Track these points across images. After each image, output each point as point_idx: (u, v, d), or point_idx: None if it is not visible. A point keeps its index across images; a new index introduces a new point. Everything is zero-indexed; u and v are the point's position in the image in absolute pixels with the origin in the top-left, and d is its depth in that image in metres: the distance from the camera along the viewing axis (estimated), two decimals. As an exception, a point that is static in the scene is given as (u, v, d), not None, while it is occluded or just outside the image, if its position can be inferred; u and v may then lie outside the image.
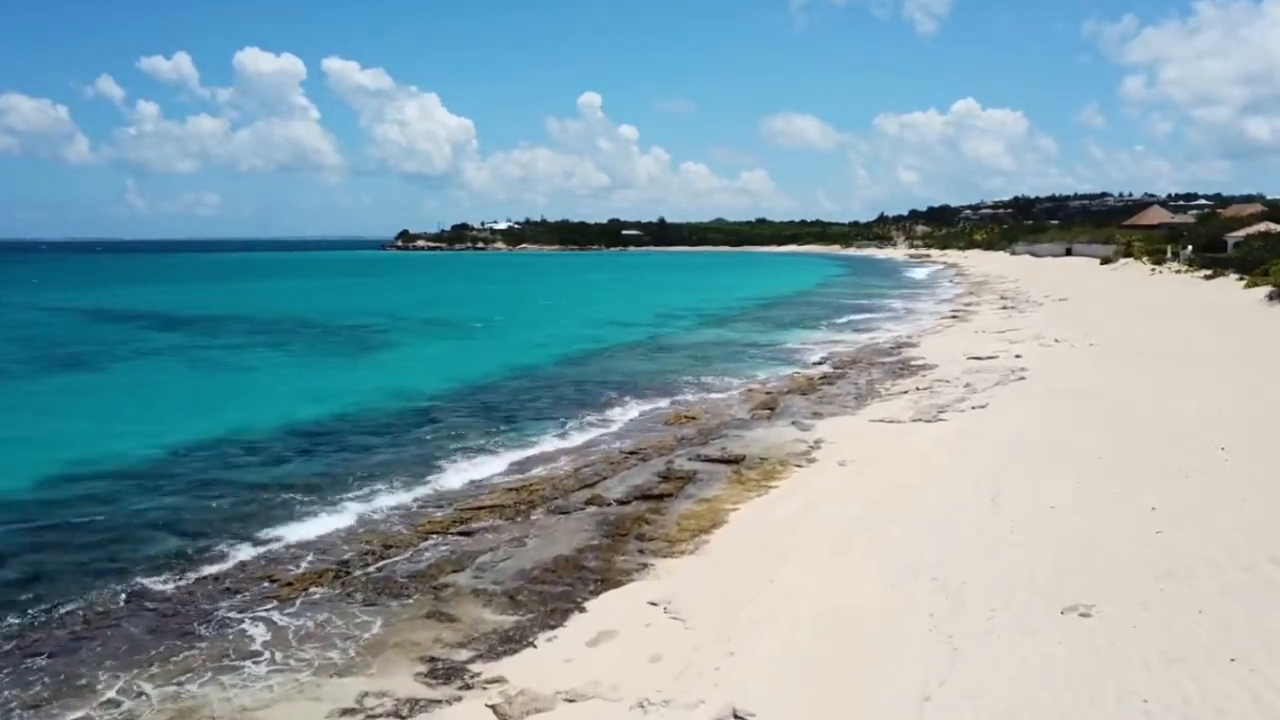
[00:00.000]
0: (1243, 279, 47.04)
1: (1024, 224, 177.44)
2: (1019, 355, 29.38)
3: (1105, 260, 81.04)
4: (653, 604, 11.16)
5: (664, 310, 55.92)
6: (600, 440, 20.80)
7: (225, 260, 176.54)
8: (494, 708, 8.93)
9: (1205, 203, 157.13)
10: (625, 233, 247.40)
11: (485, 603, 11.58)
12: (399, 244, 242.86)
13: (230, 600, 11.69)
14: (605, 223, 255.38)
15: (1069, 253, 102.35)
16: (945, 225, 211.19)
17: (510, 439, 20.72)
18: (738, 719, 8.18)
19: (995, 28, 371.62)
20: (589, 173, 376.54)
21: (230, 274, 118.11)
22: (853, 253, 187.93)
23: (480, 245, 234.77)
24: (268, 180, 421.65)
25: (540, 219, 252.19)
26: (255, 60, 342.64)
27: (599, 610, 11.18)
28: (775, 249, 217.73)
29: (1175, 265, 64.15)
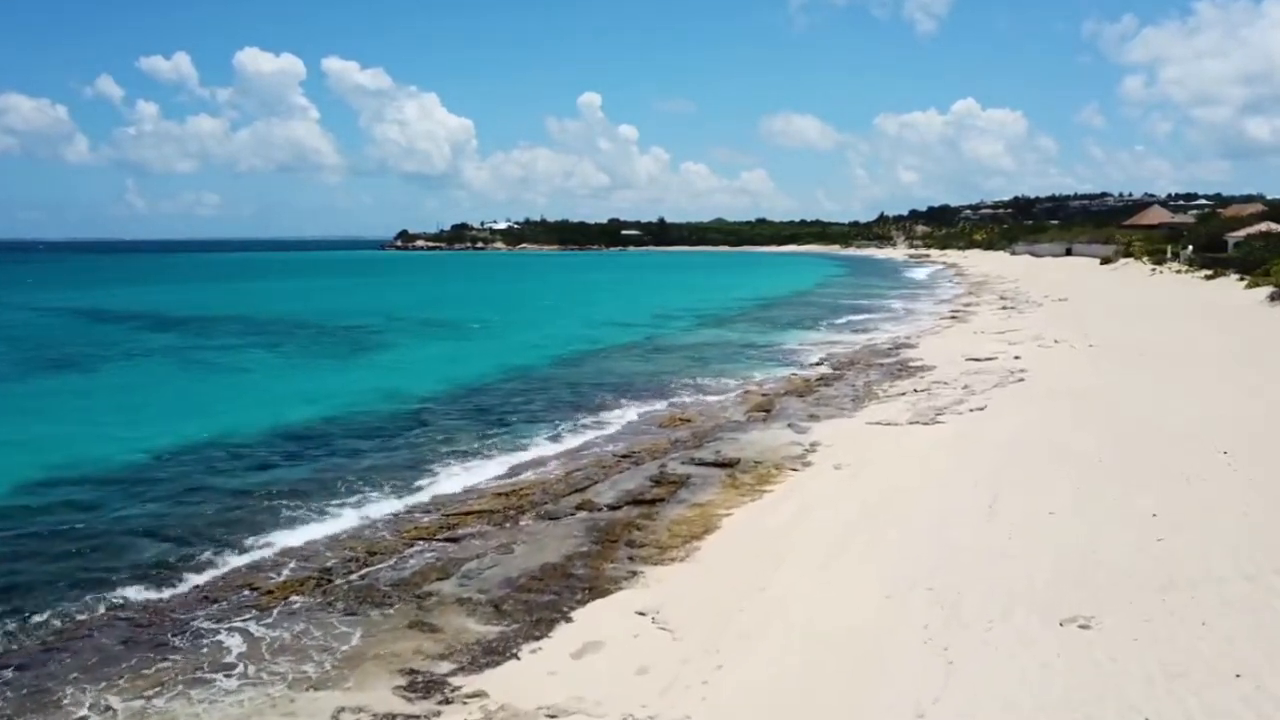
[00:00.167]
0: (1243, 279, 46.80)
1: (1024, 224, 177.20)
2: (1018, 356, 29.11)
3: (1105, 260, 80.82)
4: (641, 614, 10.88)
5: (662, 310, 55.62)
6: (593, 443, 20.51)
7: (224, 260, 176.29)
8: (473, 724, 8.65)
9: (1205, 203, 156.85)
10: (625, 233, 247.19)
11: (469, 612, 11.29)
12: (398, 244, 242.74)
13: (208, 610, 11.39)
14: (605, 223, 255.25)
15: (1069, 253, 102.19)
16: (945, 225, 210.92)
17: (502, 442, 20.43)
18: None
19: (995, 28, 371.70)
20: (589, 173, 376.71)
21: (229, 274, 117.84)
22: (852, 253, 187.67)
23: (480, 245, 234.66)
24: (267, 180, 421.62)
25: (540, 219, 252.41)
26: (255, 60, 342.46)
27: (586, 620, 10.90)
28: (775, 249, 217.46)
29: (1175, 265, 63.89)
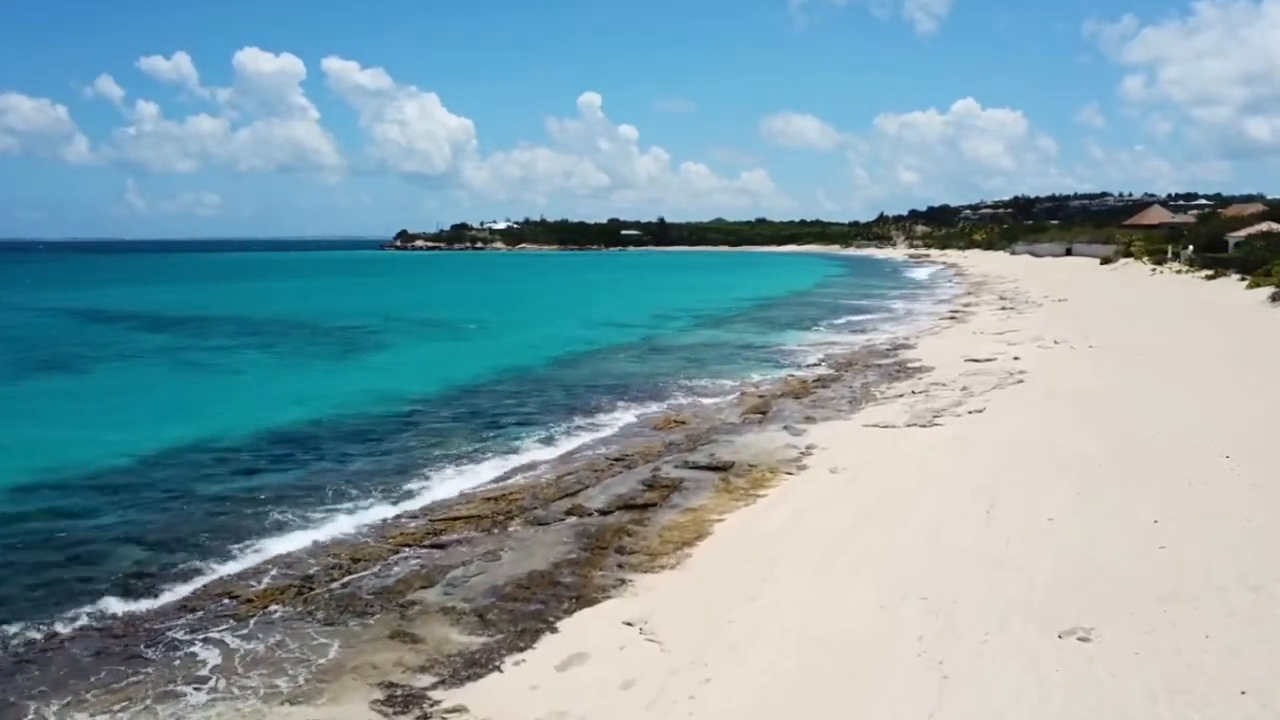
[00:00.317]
0: (1244, 279, 46.55)
1: (1024, 224, 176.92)
2: (1017, 357, 28.84)
3: (1105, 260, 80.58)
4: (628, 624, 10.59)
5: (660, 311, 55.33)
6: (586, 446, 20.20)
7: (224, 260, 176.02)
8: (452, 740, 8.38)
9: (1205, 203, 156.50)
10: (624, 233, 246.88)
11: (453, 622, 11.00)
12: (397, 244, 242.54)
13: (185, 619, 11.10)
14: (604, 223, 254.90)
15: (1069, 253, 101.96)
16: (945, 225, 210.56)
17: (493, 445, 20.14)
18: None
19: (995, 28, 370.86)
20: (589, 173, 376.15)
21: (228, 274, 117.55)
22: (852, 253, 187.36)
23: (479, 245, 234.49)
24: (267, 180, 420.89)
25: (540, 219, 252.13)
26: (255, 60, 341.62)
27: (572, 631, 10.61)
28: (775, 249, 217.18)
29: (1176, 265, 63.62)
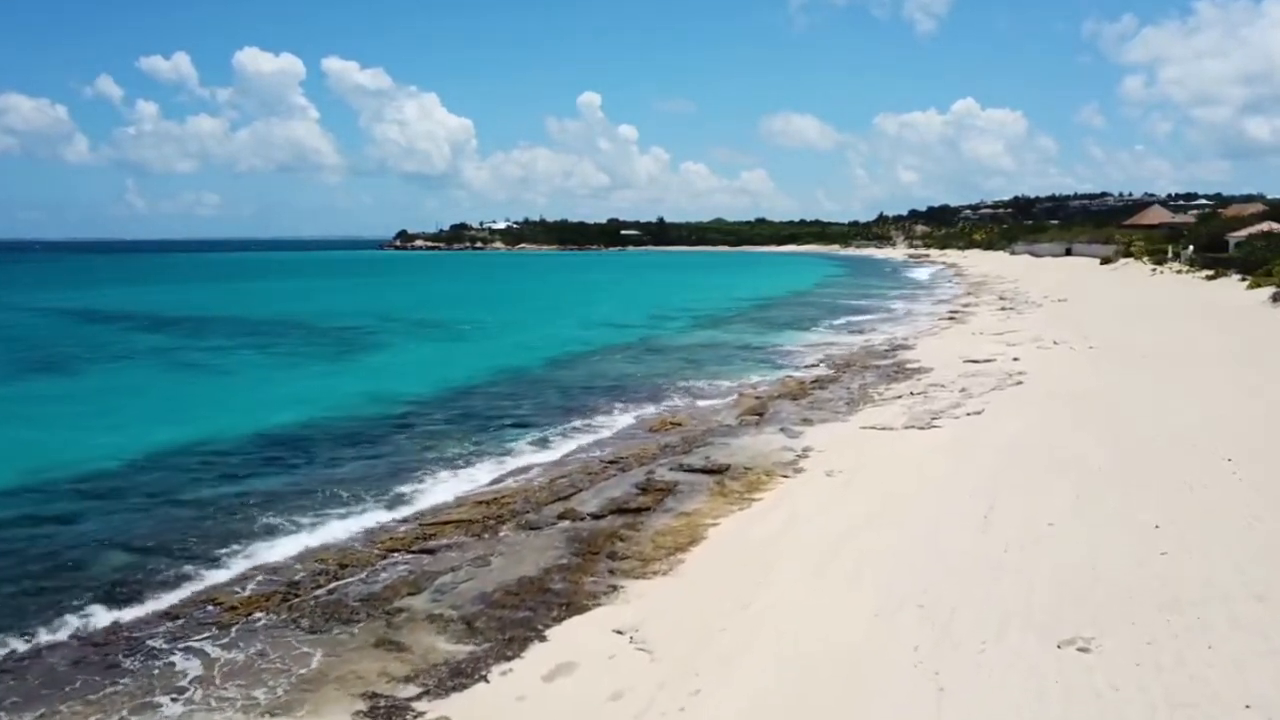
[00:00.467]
0: (1245, 279, 46.31)
1: (1024, 224, 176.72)
2: (1017, 358, 28.61)
3: (1105, 260, 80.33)
4: (618, 632, 10.38)
5: (658, 311, 55.13)
6: (580, 448, 19.98)
7: (223, 260, 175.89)
8: (435, 754, 8.16)
9: (1205, 203, 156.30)
10: (624, 233, 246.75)
11: (440, 630, 10.79)
12: (397, 244, 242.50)
13: (167, 627, 10.88)
14: (604, 223, 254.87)
15: (1069, 253, 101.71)
16: (945, 225, 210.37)
17: (486, 447, 19.92)
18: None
19: (995, 27, 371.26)
20: (589, 173, 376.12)
21: (226, 274, 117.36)
22: (852, 253, 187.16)
23: (479, 245, 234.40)
24: (267, 180, 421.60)
25: (539, 219, 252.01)
26: (255, 60, 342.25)
27: (560, 639, 10.39)
28: (774, 249, 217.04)
29: (1176, 265, 63.38)
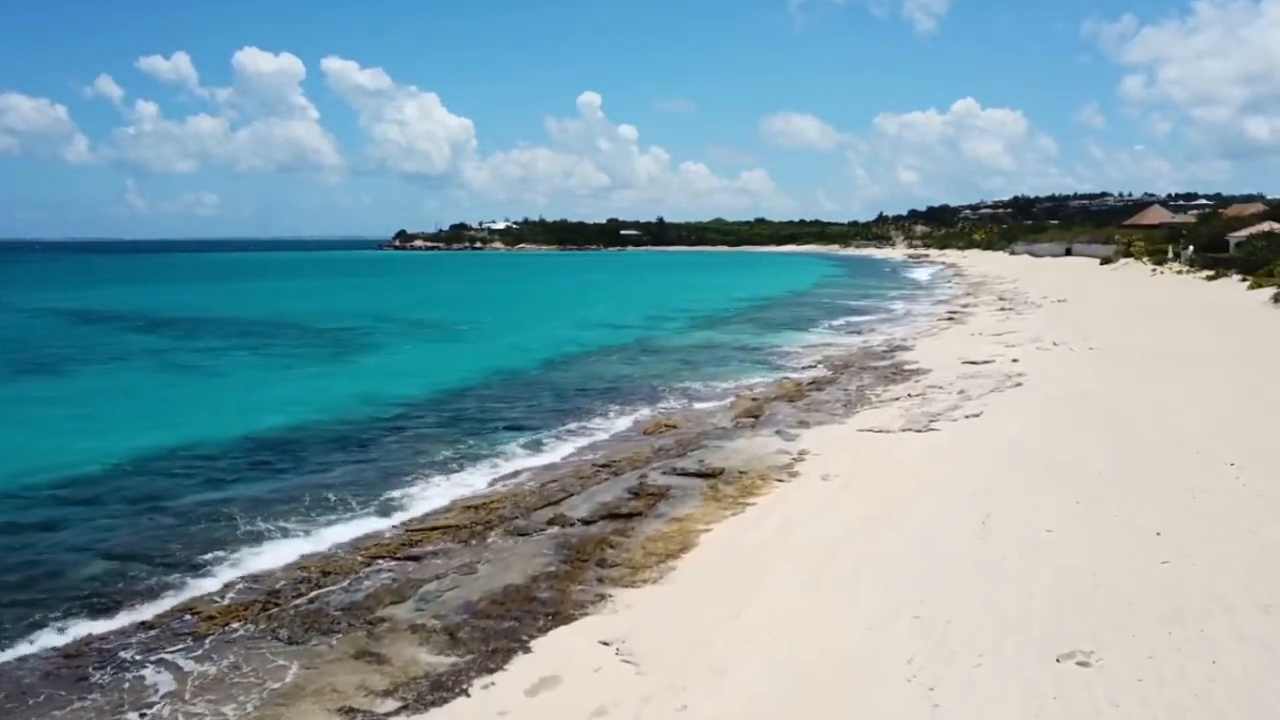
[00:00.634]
0: (1246, 279, 46.05)
1: (1023, 224, 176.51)
2: (1016, 359, 28.34)
3: (1105, 260, 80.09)
4: (605, 643, 10.07)
5: (656, 311, 54.86)
6: (572, 451, 19.67)
7: (222, 260, 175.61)
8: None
9: (1205, 203, 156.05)
10: (624, 233, 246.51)
11: (422, 641, 10.49)
12: (396, 244, 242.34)
13: (141, 638, 10.57)
14: (604, 223, 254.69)
15: (1069, 253, 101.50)
16: (945, 225, 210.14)
17: (478, 451, 19.61)
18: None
19: (995, 27, 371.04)
20: (588, 173, 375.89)
21: (225, 274, 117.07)
22: (851, 253, 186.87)
23: (478, 245, 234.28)
24: (267, 180, 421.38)
25: (539, 219, 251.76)
26: (254, 60, 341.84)
27: (545, 650, 10.10)
28: (774, 249, 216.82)
29: (1176, 265, 63.11)
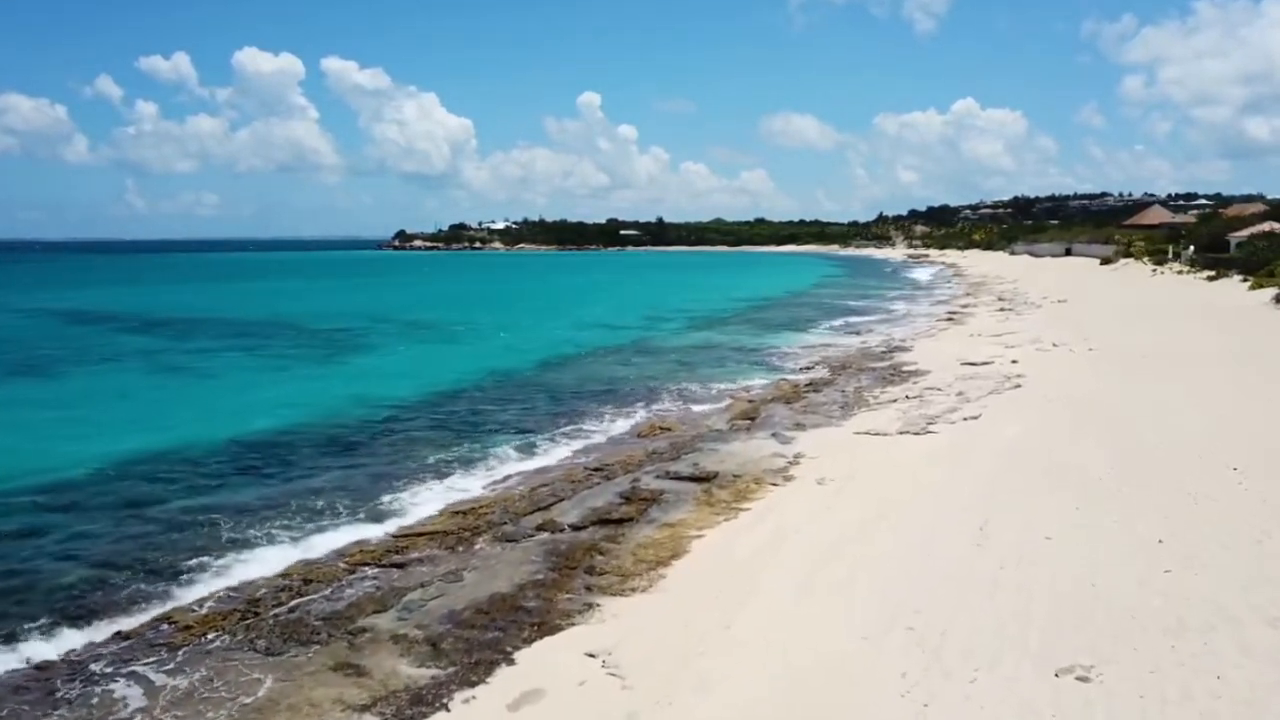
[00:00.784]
0: (1247, 280, 45.77)
1: (1023, 224, 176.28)
2: (1015, 361, 28.05)
3: (1105, 260, 79.80)
4: (591, 655, 9.79)
5: (654, 312, 54.58)
6: (564, 455, 19.37)
7: (222, 260, 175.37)
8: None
9: (1205, 203, 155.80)
10: (623, 233, 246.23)
11: (403, 652, 10.20)
12: (395, 244, 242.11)
13: (114, 649, 10.28)
14: (603, 223, 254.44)
15: (1069, 253, 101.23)
16: (945, 225, 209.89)
17: (469, 454, 19.31)
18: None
19: (994, 27, 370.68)
20: (588, 173, 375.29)
21: (224, 274, 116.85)
22: (851, 253, 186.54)
23: (477, 245, 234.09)
24: (267, 180, 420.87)
25: (539, 219, 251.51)
26: (254, 60, 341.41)
27: (529, 662, 9.81)
28: (773, 249, 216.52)
29: (1177, 266, 62.82)
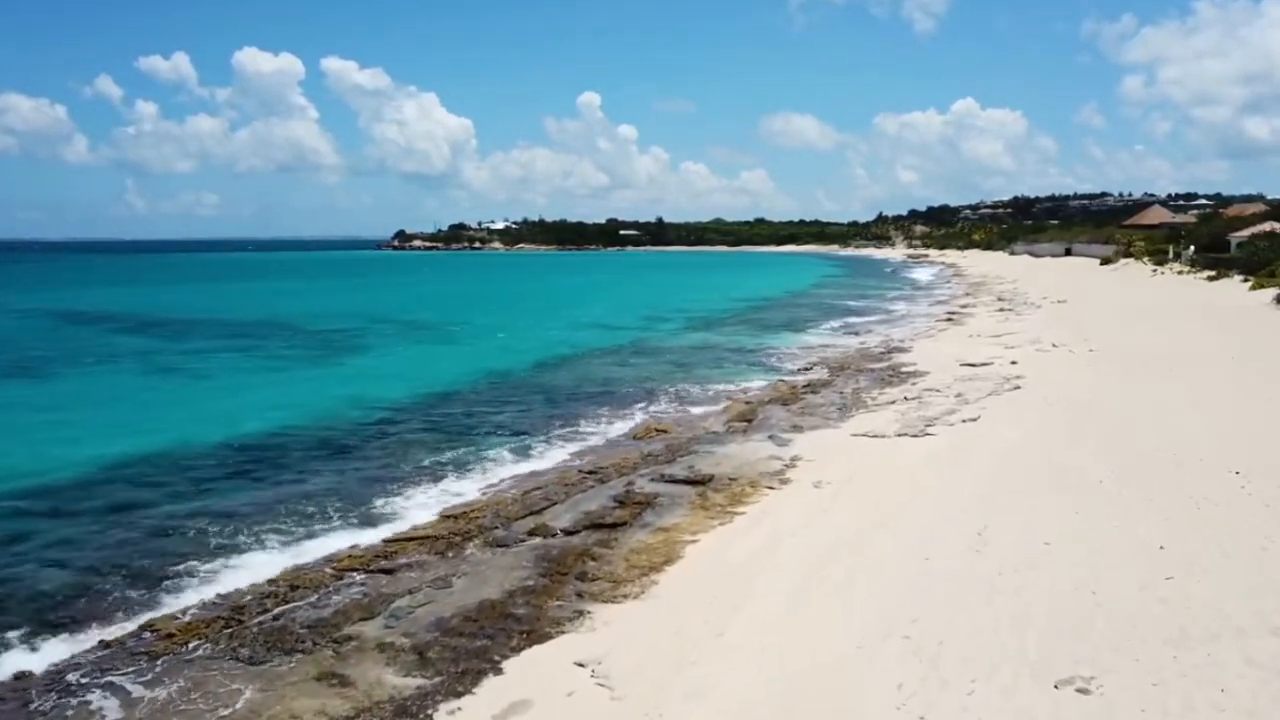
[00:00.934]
0: (1247, 280, 45.54)
1: (1023, 224, 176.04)
2: (1015, 362, 27.83)
3: (1105, 260, 79.55)
4: (580, 665, 9.59)
5: (652, 312, 54.38)
6: (559, 457, 19.16)
7: (221, 260, 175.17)
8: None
9: (1205, 203, 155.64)
10: (623, 233, 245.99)
11: (389, 661, 10.00)
12: (395, 244, 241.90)
13: (94, 658, 10.07)
14: (603, 223, 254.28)
15: (1068, 253, 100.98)
16: (944, 225, 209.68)
17: (462, 456, 19.10)
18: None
19: (994, 27, 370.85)
20: (588, 173, 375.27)
21: (223, 275, 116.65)
22: (851, 253, 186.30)
23: (477, 245, 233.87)
24: (267, 180, 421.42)
25: (538, 219, 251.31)
26: (254, 60, 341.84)
27: (517, 672, 9.61)
28: (773, 249, 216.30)
29: (1177, 266, 62.59)
